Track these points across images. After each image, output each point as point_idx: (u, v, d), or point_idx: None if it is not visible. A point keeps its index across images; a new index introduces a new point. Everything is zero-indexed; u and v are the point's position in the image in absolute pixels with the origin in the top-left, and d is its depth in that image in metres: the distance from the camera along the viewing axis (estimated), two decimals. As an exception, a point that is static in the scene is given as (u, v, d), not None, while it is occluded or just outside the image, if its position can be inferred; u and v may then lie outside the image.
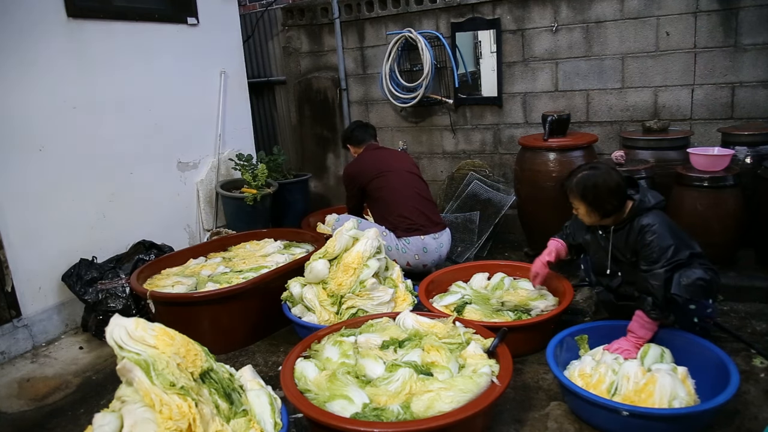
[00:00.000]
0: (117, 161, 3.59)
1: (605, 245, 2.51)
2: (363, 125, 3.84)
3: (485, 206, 4.10)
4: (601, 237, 2.52)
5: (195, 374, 1.75)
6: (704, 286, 2.26)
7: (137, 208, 3.73)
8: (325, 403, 1.90)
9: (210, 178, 4.32)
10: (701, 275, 2.25)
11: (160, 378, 1.64)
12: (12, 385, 2.77)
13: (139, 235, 3.62)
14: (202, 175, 4.28)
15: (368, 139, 3.77)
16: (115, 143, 3.57)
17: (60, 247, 3.25)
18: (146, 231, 3.70)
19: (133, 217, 3.69)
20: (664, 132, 3.60)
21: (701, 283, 2.25)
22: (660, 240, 2.27)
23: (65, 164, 3.28)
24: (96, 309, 3.11)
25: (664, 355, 2.24)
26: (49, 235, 3.20)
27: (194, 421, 1.61)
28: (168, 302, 2.89)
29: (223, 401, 1.78)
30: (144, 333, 1.73)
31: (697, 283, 2.24)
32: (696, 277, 2.24)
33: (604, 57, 3.92)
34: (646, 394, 2.01)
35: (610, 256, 2.51)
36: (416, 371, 2.01)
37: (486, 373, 1.96)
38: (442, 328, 2.33)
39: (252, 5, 5.54)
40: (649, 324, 2.28)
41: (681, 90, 3.75)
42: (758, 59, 3.49)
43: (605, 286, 2.65)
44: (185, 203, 4.17)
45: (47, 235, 3.19)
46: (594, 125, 4.07)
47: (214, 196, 4.34)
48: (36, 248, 3.14)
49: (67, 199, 3.30)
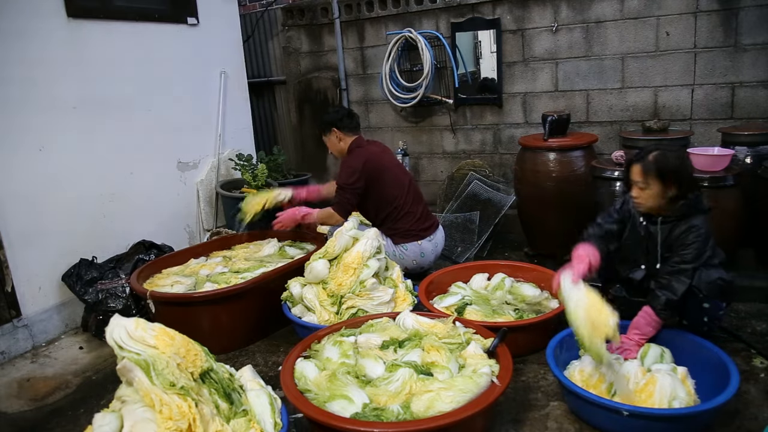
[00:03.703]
0: (117, 161, 3.59)
1: (646, 236, 2.43)
2: (352, 113, 3.40)
3: (485, 206, 4.09)
4: (642, 226, 2.43)
5: (195, 374, 1.75)
6: (723, 286, 2.30)
7: (137, 208, 3.73)
8: (325, 403, 1.90)
9: (210, 178, 4.32)
10: (722, 275, 2.31)
11: (160, 378, 1.64)
12: (12, 385, 2.77)
13: (139, 235, 3.62)
14: (202, 175, 4.27)
15: (358, 130, 3.40)
16: (115, 143, 3.57)
17: (60, 247, 3.25)
18: (146, 231, 3.70)
19: (133, 217, 3.69)
20: (664, 132, 3.60)
21: (721, 282, 2.29)
22: (701, 244, 2.28)
23: (65, 164, 3.28)
24: (96, 309, 3.11)
25: (664, 355, 2.24)
26: (49, 235, 3.20)
27: (194, 421, 1.61)
28: (168, 302, 2.89)
29: (223, 401, 1.78)
30: (144, 333, 1.73)
31: (717, 282, 2.29)
32: (717, 276, 2.29)
33: (604, 57, 3.92)
34: (646, 394, 2.01)
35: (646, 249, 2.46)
36: (416, 371, 2.01)
37: (486, 373, 1.96)
38: (442, 328, 2.33)
39: (252, 5, 5.54)
40: (655, 322, 2.28)
41: (681, 90, 3.75)
42: (758, 59, 3.49)
43: (623, 279, 2.61)
44: (185, 203, 4.17)
45: (47, 235, 3.19)
46: (594, 125, 4.07)
47: (214, 196, 4.34)
48: (36, 248, 3.14)
49: (67, 199, 3.30)
